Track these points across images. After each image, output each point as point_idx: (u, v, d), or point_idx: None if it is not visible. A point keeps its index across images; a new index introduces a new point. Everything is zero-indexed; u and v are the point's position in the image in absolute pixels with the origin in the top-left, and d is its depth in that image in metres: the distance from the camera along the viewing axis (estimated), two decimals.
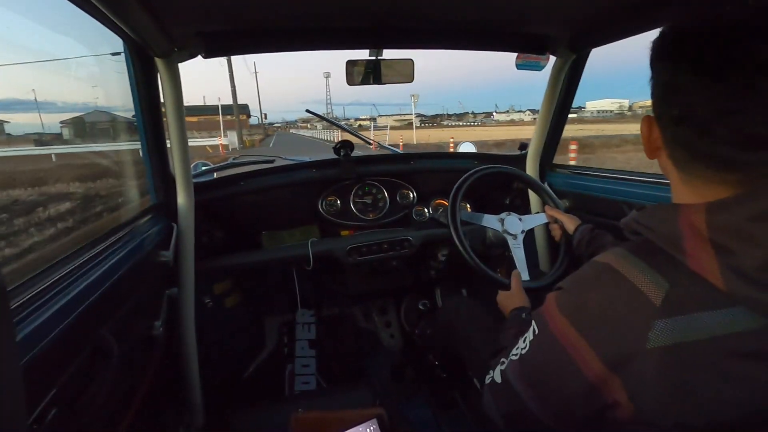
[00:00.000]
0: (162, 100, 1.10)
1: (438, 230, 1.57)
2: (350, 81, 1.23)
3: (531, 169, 1.58)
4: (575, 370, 0.47)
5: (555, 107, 1.43)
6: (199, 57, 1.09)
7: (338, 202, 1.59)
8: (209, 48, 1.06)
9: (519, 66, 1.34)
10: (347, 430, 0.81)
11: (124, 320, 0.82)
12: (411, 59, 1.23)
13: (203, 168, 1.72)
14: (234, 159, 1.82)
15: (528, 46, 1.26)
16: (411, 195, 1.67)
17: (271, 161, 1.71)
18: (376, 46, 1.17)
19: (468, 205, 1.70)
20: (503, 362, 0.62)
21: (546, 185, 1.42)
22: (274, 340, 1.80)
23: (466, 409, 1.34)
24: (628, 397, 0.44)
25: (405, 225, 1.63)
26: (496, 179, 1.24)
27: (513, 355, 0.59)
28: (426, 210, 1.65)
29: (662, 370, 0.41)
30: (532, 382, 0.55)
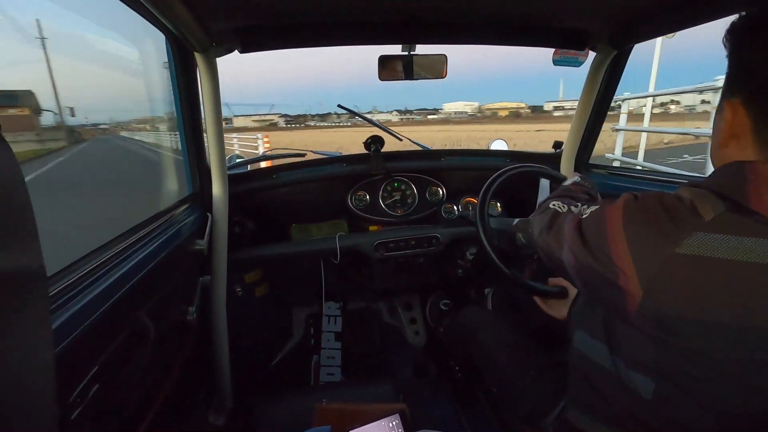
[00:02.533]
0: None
1: (466, 228, 1.55)
2: (382, 76, 1.23)
3: (565, 168, 1.54)
4: (607, 255, 0.51)
5: (593, 105, 1.38)
6: None
7: (367, 197, 1.60)
8: (245, 43, 1.08)
9: (556, 62, 1.29)
10: (370, 423, 0.82)
11: (161, 305, 0.86)
12: (444, 54, 1.21)
13: (237, 160, 1.77)
14: (266, 152, 1.86)
15: (567, 41, 1.22)
16: (440, 192, 1.66)
17: (303, 155, 1.74)
18: (409, 41, 1.16)
19: (498, 204, 1.67)
20: (566, 204, 0.71)
21: None
22: (301, 330, 1.84)
23: (489, 407, 1.33)
24: (640, 290, 0.47)
25: (433, 222, 1.62)
26: (528, 178, 1.21)
27: (580, 209, 0.62)
28: (455, 207, 1.64)
29: (685, 276, 0.44)
30: (574, 240, 0.58)
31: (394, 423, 0.82)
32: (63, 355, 0.51)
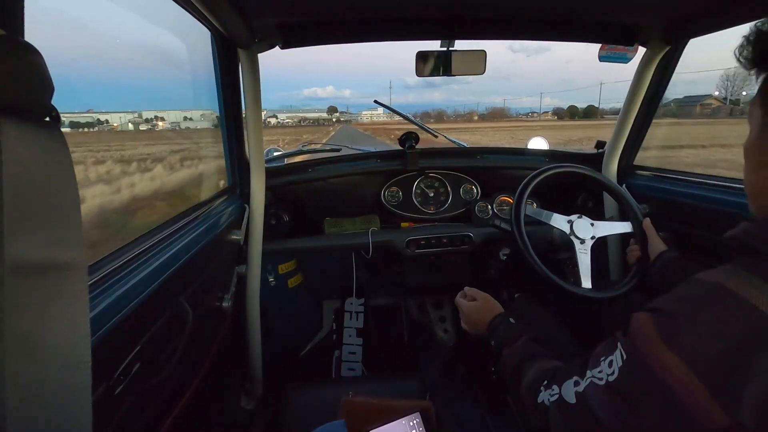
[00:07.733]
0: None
1: (500, 228, 1.52)
2: (419, 72, 1.22)
3: (608, 170, 1.47)
4: (690, 418, 0.40)
5: (641, 104, 1.31)
6: None
7: (400, 193, 1.59)
8: (287, 39, 1.10)
9: (602, 58, 1.24)
10: (391, 422, 0.82)
11: (198, 292, 0.90)
12: (483, 50, 1.19)
13: (275, 154, 1.81)
14: (303, 146, 1.89)
15: (615, 36, 1.16)
16: (474, 190, 1.63)
17: (338, 150, 1.76)
18: (450, 37, 1.14)
19: (534, 204, 1.63)
20: (577, 381, 0.55)
21: (624, 189, 1.31)
22: (330, 323, 1.87)
23: (517, 411, 1.31)
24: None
25: (466, 221, 1.60)
26: (567, 179, 1.17)
27: (595, 378, 0.52)
28: (489, 206, 1.61)
29: None
30: (623, 414, 0.47)
31: (414, 422, 0.82)
32: (108, 335, 0.54)
